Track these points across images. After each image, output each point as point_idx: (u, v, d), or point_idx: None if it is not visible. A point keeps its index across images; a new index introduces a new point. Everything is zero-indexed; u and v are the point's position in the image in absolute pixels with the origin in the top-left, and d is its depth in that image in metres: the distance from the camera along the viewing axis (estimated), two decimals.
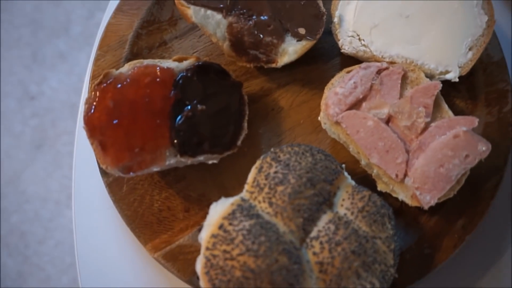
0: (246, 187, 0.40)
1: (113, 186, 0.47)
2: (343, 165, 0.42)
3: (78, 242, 0.49)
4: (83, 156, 0.51)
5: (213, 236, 0.36)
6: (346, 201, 0.38)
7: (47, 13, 1.56)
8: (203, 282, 0.36)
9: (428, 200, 0.41)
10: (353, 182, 0.41)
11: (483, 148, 0.40)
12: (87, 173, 0.50)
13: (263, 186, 0.38)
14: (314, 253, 0.36)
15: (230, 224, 0.36)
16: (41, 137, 1.40)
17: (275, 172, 0.38)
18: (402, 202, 0.43)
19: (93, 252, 0.48)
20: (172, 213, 0.46)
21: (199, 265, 0.37)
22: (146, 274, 0.47)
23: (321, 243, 0.36)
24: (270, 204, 0.37)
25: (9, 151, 1.37)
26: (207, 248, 0.36)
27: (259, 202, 0.38)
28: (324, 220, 0.37)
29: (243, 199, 0.39)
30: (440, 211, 0.44)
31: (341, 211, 0.38)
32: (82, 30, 1.54)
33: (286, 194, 0.37)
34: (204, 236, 0.37)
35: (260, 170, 0.39)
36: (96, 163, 0.48)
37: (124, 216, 0.46)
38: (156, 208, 0.46)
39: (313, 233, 0.36)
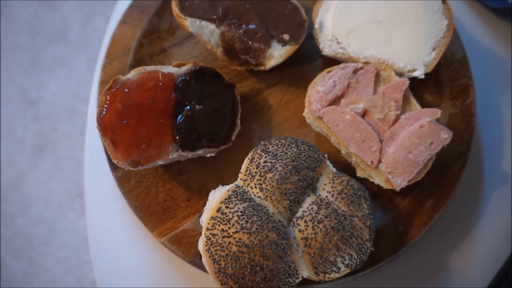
0: (240, 175, 0.45)
1: (122, 180, 0.52)
2: (326, 155, 0.47)
3: (91, 232, 0.54)
4: (93, 154, 0.56)
5: (212, 218, 0.41)
6: (327, 185, 0.43)
7: (44, 19, 1.59)
8: (204, 258, 0.41)
9: (399, 182, 0.46)
10: (334, 169, 0.46)
11: (445, 136, 0.46)
12: (97, 169, 0.55)
13: (255, 174, 0.43)
14: (300, 230, 0.41)
15: (227, 207, 0.41)
16: (42, 141, 1.43)
17: (265, 162, 0.43)
18: (379, 186, 0.49)
19: (105, 240, 0.53)
20: (175, 203, 0.51)
21: (201, 244, 0.42)
22: (153, 257, 0.52)
23: (305, 221, 0.41)
24: (261, 189, 0.42)
25: (11, 155, 1.40)
26: (207, 229, 0.41)
27: (251, 188, 0.43)
28: (308, 202, 0.42)
29: (237, 186, 0.44)
30: (412, 193, 0.50)
31: (323, 194, 0.43)
32: (79, 35, 1.57)
33: (274, 180, 0.42)
34: (205, 219, 0.42)
35: (252, 160, 0.44)
36: (106, 160, 0.53)
37: (133, 206, 0.51)
38: (161, 199, 0.51)
39: (299, 213, 0.41)
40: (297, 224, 0.41)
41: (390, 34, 0.50)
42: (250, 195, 0.42)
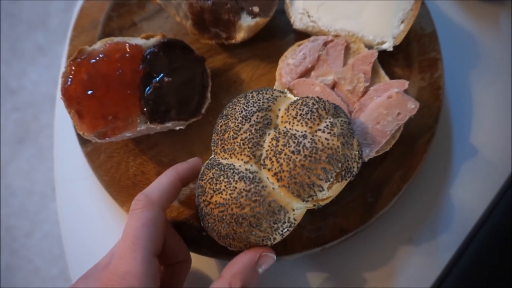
0: (212, 148, 0.45)
1: (92, 154, 0.51)
2: (285, 90, 0.46)
3: (61, 209, 0.53)
4: (62, 130, 0.56)
5: (197, 195, 0.43)
6: (284, 116, 0.42)
7: (24, 6, 1.56)
8: (208, 233, 0.43)
9: (367, 153, 0.46)
10: (295, 98, 0.44)
11: (412, 106, 0.46)
12: (67, 146, 0.55)
13: (217, 140, 0.43)
14: (268, 169, 0.40)
15: (201, 179, 0.42)
16: (24, 131, 1.41)
17: (221, 126, 0.44)
18: None
19: (75, 216, 0.53)
20: (146, 177, 0.51)
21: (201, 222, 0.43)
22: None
23: (270, 159, 0.40)
24: (224, 151, 0.42)
25: None
26: (197, 206, 0.43)
27: (218, 154, 0.43)
28: (267, 141, 0.41)
29: (210, 159, 0.44)
30: (381, 164, 0.50)
31: (282, 126, 0.42)
32: (60, 23, 1.54)
33: (231, 137, 0.42)
34: (196, 201, 0.44)
35: (214, 131, 0.45)
36: (75, 136, 0.52)
37: (103, 181, 0.50)
38: (132, 173, 0.51)
39: (263, 155, 0.41)
40: (265, 165, 0.41)
41: (360, 7, 0.50)
42: (218, 160, 0.43)
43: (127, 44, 0.47)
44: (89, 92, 0.45)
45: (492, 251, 0.49)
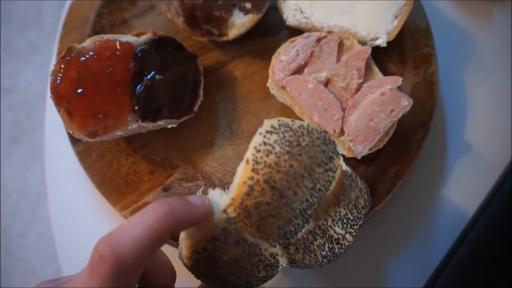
0: (231, 201, 0.35)
1: (83, 154, 0.51)
2: (340, 155, 0.38)
3: (53, 208, 0.53)
4: (53, 130, 0.55)
5: (197, 253, 0.36)
6: (332, 207, 0.38)
7: (18, 5, 1.54)
8: (189, 269, 0.38)
9: (360, 150, 0.46)
10: (345, 170, 0.39)
11: (406, 103, 0.46)
12: (58, 146, 0.54)
13: (253, 214, 0.34)
14: (289, 254, 0.39)
15: (215, 250, 0.35)
16: (17, 131, 1.40)
17: (268, 204, 0.34)
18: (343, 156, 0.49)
19: (67, 216, 0.52)
20: (138, 176, 0.50)
21: (183, 255, 0.37)
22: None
23: (297, 249, 0.39)
24: (258, 230, 0.35)
25: None
26: (190, 258, 0.36)
27: (246, 225, 0.35)
28: (304, 231, 0.38)
29: (228, 218, 0.35)
30: (375, 161, 0.50)
31: (323, 217, 0.38)
32: (54, 21, 1.53)
33: (276, 226, 0.35)
34: (187, 243, 0.36)
35: (250, 192, 0.34)
36: (67, 135, 0.52)
37: (94, 181, 0.50)
38: (124, 172, 0.50)
39: (292, 240, 0.38)
40: (288, 248, 0.39)
41: (353, 3, 0.50)
42: (243, 233, 0.35)
43: (117, 42, 0.46)
44: (79, 91, 0.44)
45: (486, 247, 0.48)
